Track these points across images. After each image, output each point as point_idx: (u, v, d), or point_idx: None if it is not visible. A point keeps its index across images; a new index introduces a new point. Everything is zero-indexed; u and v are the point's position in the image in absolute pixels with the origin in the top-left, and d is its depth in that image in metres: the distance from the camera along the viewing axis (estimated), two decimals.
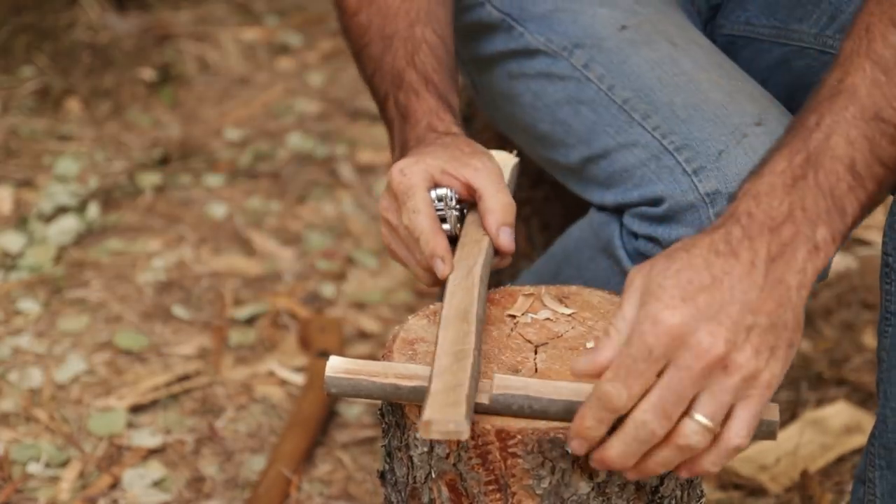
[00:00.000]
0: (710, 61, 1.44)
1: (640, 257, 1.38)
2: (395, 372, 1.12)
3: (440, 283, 1.29)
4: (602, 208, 1.45)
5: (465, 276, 1.23)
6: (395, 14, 1.47)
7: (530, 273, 1.64)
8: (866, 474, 1.38)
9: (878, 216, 2.75)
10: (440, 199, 1.30)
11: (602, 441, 1.05)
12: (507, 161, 1.42)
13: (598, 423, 1.04)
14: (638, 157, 1.39)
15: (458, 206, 1.31)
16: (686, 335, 1.02)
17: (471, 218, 1.32)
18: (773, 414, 1.09)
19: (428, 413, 1.02)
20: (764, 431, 1.09)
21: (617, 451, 1.05)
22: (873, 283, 2.45)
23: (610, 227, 1.43)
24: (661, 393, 1.02)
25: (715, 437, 1.04)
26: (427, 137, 1.37)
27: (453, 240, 1.31)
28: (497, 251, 1.30)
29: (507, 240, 1.29)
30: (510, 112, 1.58)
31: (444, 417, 1.02)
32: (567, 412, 1.08)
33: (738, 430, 1.04)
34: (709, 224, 1.27)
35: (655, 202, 1.36)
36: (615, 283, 1.38)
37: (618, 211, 1.42)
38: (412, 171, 1.30)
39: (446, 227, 1.30)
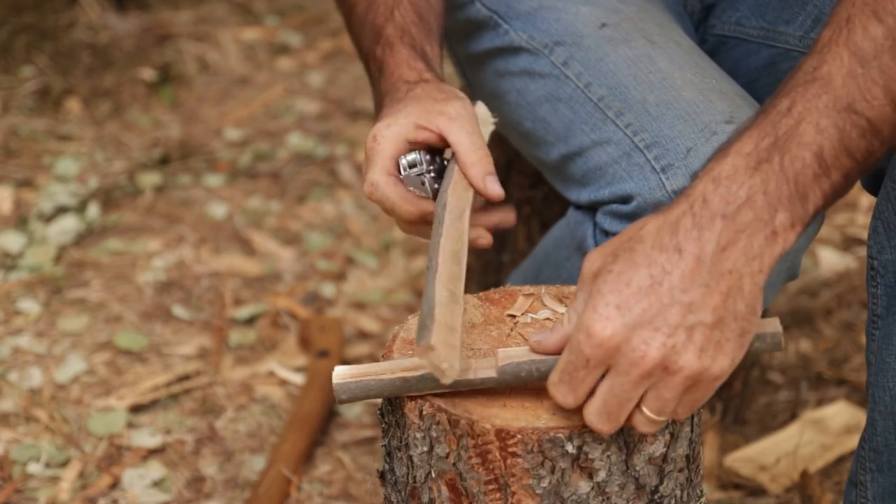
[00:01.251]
0: (688, 60, 1.43)
1: None
2: (399, 367, 1.12)
3: (414, 231, 1.36)
4: (578, 207, 1.45)
5: (458, 217, 1.26)
6: None
7: (517, 272, 1.65)
8: (858, 477, 1.38)
9: None
10: (412, 166, 1.33)
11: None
12: (486, 119, 1.42)
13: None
14: (610, 155, 1.39)
15: (431, 169, 1.33)
16: (620, 344, 1.03)
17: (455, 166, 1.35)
18: (775, 325, 1.10)
19: (434, 338, 1.04)
20: (769, 343, 1.10)
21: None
22: None
23: (584, 225, 1.43)
24: (604, 398, 1.05)
25: None
26: (399, 90, 1.38)
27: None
28: (489, 200, 1.33)
29: (495, 188, 1.32)
30: (499, 110, 1.58)
31: (444, 353, 1.04)
32: None
33: (681, 413, 1.07)
34: None
35: (625, 200, 1.36)
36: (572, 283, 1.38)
37: (592, 209, 1.42)
38: (383, 137, 1.32)
39: (421, 191, 1.33)
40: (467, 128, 1.33)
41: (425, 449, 1.13)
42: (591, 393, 1.06)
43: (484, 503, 1.11)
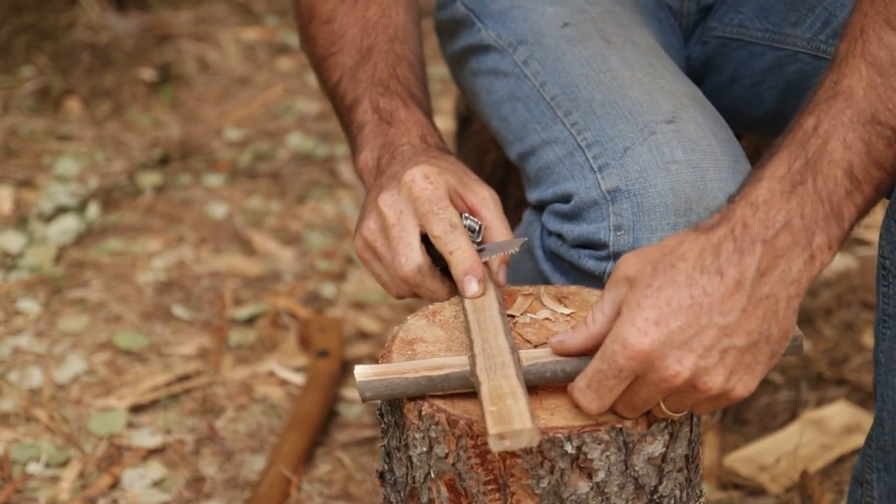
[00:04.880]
0: (641, 60, 1.42)
1: (552, 256, 1.39)
2: (422, 366, 1.13)
3: (408, 296, 1.31)
4: (532, 207, 1.46)
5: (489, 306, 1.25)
6: (374, 28, 1.47)
7: None
8: (864, 476, 1.38)
9: (878, 216, 2.75)
10: (471, 231, 1.30)
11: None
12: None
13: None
14: (557, 154, 1.38)
15: (477, 241, 1.31)
16: (655, 360, 1.05)
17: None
18: (797, 330, 1.11)
19: (497, 428, 1.03)
20: (791, 347, 1.12)
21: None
22: (873, 283, 2.45)
23: (533, 226, 1.43)
24: (632, 398, 1.08)
25: None
26: (428, 148, 1.37)
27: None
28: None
29: (504, 278, 1.30)
30: (476, 108, 1.59)
31: (512, 429, 1.02)
32: None
33: (702, 412, 1.11)
34: (609, 221, 1.29)
35: (566, 199, 1.35)
36: (536, 284, 1.38)
37: (540, 209, 1.42)
38: (437, 182, 1.28)
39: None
40: (499, 213, 1.32)
41: (424, 449, 1.13)
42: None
43: (483, 503, 1.11)
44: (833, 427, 2.04)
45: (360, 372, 1.13)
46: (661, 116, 1.33)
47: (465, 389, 1.12)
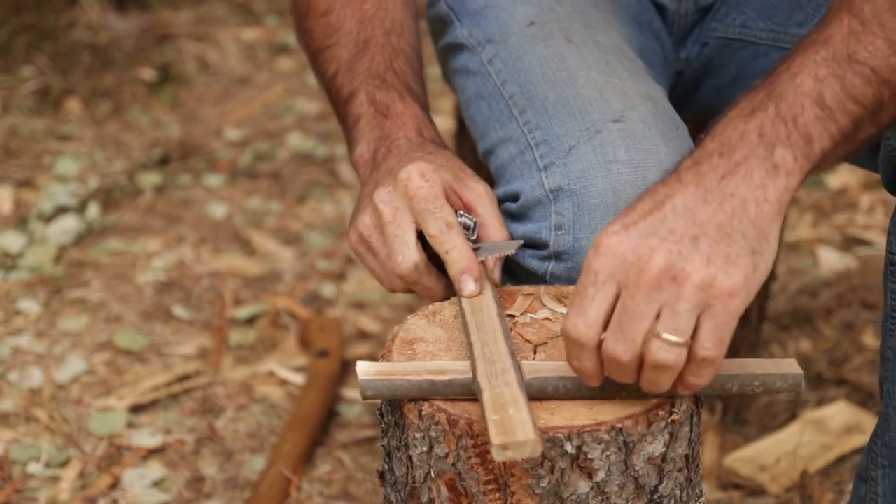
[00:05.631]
0: (599, 59, 1.41)
1: None
2: (425, 369, 1.13)
3: (402, 291, 1.30)
4: None
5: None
6: (371, 21, 1.47)
7: None
8: (868, 472, 1.38)
9: (879, 216, 2.75)
10: (466, 228, 1.30)
11: None
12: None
13: (579, 360, 1.07)
14: (510, 153, 1.38)
15: (472, 238, 1.31)
16: (626, 254, 1.03)
17: None
18: (795, 367, 1.11)
19: (500, 438, 1.02)
20: (790, 384, 1.11)
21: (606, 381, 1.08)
22: (873, 282, 2.45)
23: None
24: (617, 317, 1.04)
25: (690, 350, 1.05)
26: (424, 143, 1.37)
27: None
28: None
29: (499, 277, 1.30)
30: (458, 106, 1.59)
31: (515, 440, 1.01)
32: (601, 388, 1.10)
33: (703, 341, 1.03)
34: (551, 221, 1.29)
35: (514, 197, 1.35)
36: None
37: None
38: (433, 180, 1.28)
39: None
40: (494, 209, 1.31)
41: (424, 449, 1.13)
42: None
43: (483, 503, 1.11)
44: (833, 427, 2.04)
45: (363, 369, 1.13)
46: (608, 115, 1.33)
47: (468, 397, 1.11)
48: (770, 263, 1.05)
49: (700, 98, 1.63)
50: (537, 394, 1.11)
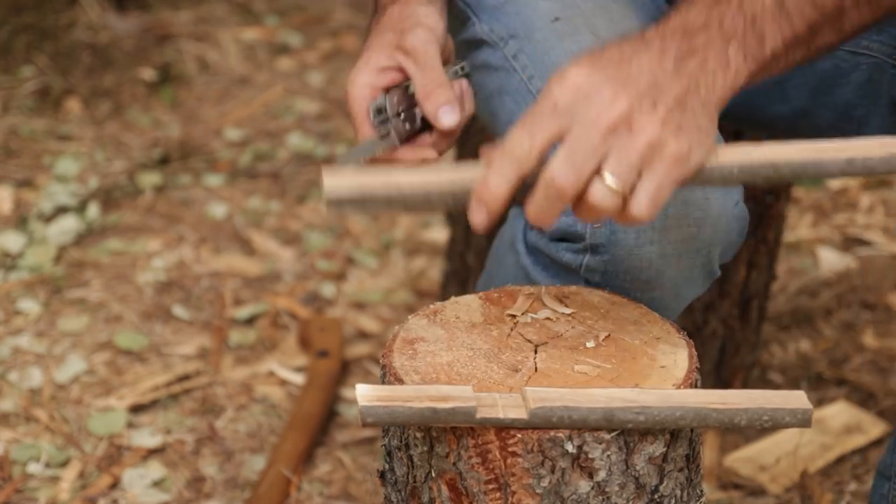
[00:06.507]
0: None
1: (533, 250, 1.38)
2: (427, 395, 1.10)
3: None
4: None
5: None
6: None
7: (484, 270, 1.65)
8: (892, 470, 1.37)
9: (879, 216, 2.75)
10: (379, 112, 1.30)
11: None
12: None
13: (501, 178, 1.07)
14: None
15: (399, 112, 1.30)
16: (591, 92, 1.07)
17: None
18: (805, 402, 1.11)
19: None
20: (800, 419, 1.11)
21: (533, 208, 1.08)
22: (873, 282, 2.45)
23: (518, 220, 1.42)
24: (569, 146, 1.06)
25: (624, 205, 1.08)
26: (374, 19, 1.37)
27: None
28: (441, 132, 1.30)
29: (445, 119, 1.29)
30: (476, 105, 1.59)
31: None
32: (607, 420, 1.08)
33: (639, 198, 1.06)
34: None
35: None
36: (518, 280, 1.37)
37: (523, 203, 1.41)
38: (352, 97, 1.30)
39: (388, 140, 1.30)
40: (422, 61, 1.31)
41: (425, 448, 1.13)
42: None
43: (484, 503, 1.11)
44: (833, 427, 2.04)
45: (363, 394, 1.09)
46: None
47: (469, 424, 1.09)
48: (709, 151, 1.09)
49: None
50: (542, 423, 1.09)
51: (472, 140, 1.98)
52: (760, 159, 1.13)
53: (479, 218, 1.08)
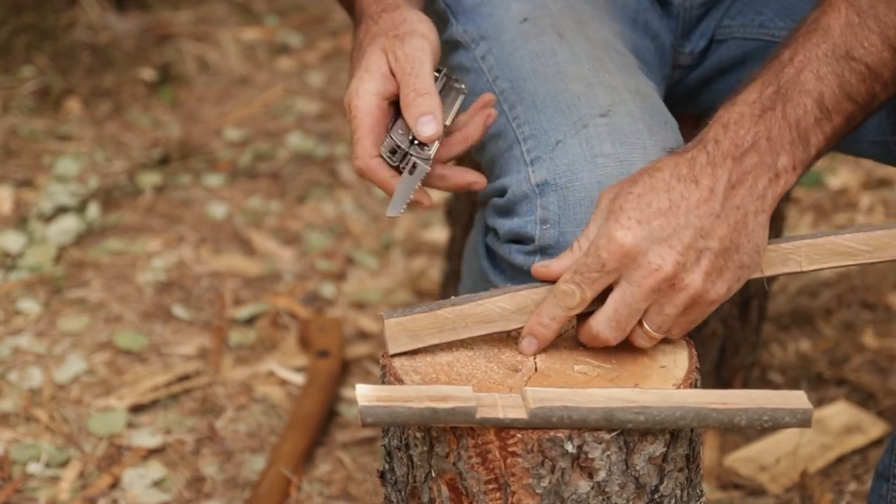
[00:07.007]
0: (590, 54, 1.41)
1: (489, 252, 1.39)
2: (427, 395, 1.10)
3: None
4: (481, 203, 1.45)
5: None
6: None
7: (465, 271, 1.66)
8: (891, 470, 1.37)
9: (879, 216, 2.75)
10: (393, 152, 1.27)
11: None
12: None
13: (552, 320, 1.16)
14: (500, 148, 1.38)
15: (411, 139, 1.26)
16: (638, 255, 1.12)
17: None
18: (805, 403, 1.13)
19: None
20: (799, 419, 1.12)
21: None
22: (873, 283, 2.45)
23: (480, 223, 1.43)
24: (615, 307, 1.13)
25: None
26: (363, 31, 1.33)
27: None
28: (420, 141, 1.27)
29: (423, 129, 1.25)
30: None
31: None
32: (607, 420, 1.08)
33: (673, 332, 1.16)
34: (536, 215, 1.30)
35: (501, 192, 1.35)
36: (481, 285, 1.37)
37: (486, 205, 1.42)
38: (357, 109, 1.27)
39: (420, 168, 1.26)
40: (409, 69, 1.27)
41: (425, 448, 1.13)
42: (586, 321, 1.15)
43: (484, 503, 1.11)
44: (833, 427, 2.04)
45: (363, 394, 1.09)
46: (595, 110, 1.33)
47: (469, 424, 1.09)
48: (755, 269, 1.16)
49: (712, 95, 1.63)
50: (542, 423, 1.09)
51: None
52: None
53: (531, 349, 1.18)
